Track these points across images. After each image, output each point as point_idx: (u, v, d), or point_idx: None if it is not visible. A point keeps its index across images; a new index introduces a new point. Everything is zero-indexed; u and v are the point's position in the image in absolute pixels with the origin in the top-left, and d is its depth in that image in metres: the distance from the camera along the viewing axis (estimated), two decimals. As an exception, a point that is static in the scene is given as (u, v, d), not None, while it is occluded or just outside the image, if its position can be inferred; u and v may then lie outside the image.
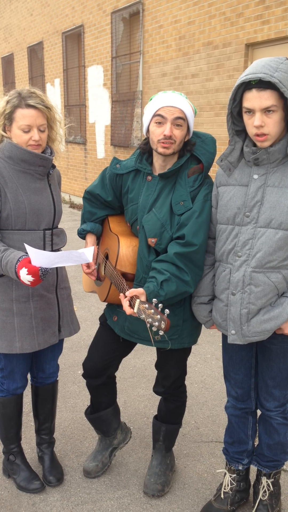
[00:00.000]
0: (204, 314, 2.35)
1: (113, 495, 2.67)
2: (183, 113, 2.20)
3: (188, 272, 2.21)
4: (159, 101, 2.21)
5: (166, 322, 1.89)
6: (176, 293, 2.20)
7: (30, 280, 2.12)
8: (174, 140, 2.20)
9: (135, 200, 2.39)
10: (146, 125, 2.28)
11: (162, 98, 2.21)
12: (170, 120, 2.19)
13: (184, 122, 2.21)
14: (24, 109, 2.25)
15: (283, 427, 2.39)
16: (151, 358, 4.15)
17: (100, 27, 9.72)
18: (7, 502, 2.61)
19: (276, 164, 2.07)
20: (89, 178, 10.95)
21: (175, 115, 2.18)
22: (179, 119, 2.19)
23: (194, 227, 2.21)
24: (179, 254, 2.20)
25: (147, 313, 1.93)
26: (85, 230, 2.56)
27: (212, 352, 4.33)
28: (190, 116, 2.23)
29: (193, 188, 2.26)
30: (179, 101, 2.20)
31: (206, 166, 2.27)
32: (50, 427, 2.82)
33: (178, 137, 2.21)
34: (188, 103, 2.23)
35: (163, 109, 2.19)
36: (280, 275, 2.12)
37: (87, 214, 2.60)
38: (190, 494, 2.69)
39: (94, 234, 2.57)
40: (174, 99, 2.20)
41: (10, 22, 14.55)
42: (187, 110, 2.21)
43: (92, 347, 2.61)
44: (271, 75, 1.88)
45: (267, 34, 5.92)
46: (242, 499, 2.59)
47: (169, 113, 2.18)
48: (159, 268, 2.20)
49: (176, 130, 2.20)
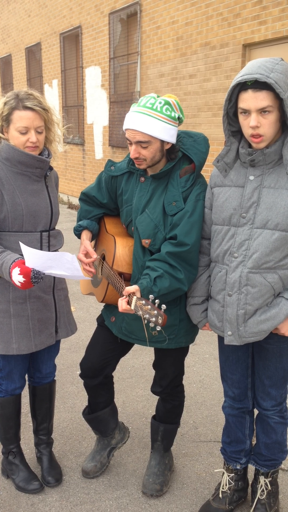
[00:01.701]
0: (197, 315, 2.36)
1: (112, 495, 2.68)
2: (145, 135, 2.15)
3: (181, 270, 2.22)
4: (125, 122, 2.20)
5: (163, 317, 1.91)
6: (169, 289, 2.21)
7: (21, 281, 2.12)
8: (143, 158, 2.21)
9: (129, 202, 2.40)
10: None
11: (127, 120, 2.19)
12: (133, 142, 2.19)
13: (149, 142, 2.17)
14: (21, 111, 2.26)
15: (280, 426, 2.40)
16: (149, 359, 4.16)
17: (98, 28, 9.73)
18: (6, 502, 2.61)
19: (272, 165, 2.08)
20: (87, 179, 10.96)
21: (136, 138, 2.17)
22: (142, 142, 2.17)
23: (186, 227, 2.22)
24: (171, 254, 2.21)
25: (144, 309, 1.94)
26: (82, 226, 2.57)
27: (210, 352, 4.34)
28: (159, 132, 2.15)
29: (185, 188, 2.27)
30: (140, 123, 2.14)
31: (198, 165, 2.28)
32: (48, 427, 2.82)
33: (148, 155, 2.21)
34: (158, 117, 2.15)
35: (127, 131, 2.20)
36: (277, 275, 2.13)
37: (83, 213, 2.61)
38: (188, 494, 2.70)
39: (90, 231, 2.57)
40: (135, 122, 2.15)
41: (8, 23, 14.56)
42: (152, 129, 2.14)
43: (90, 347, 2.62)
44: (267, 75, 1.88)
45: (264, 34, 5.93)
46: (240, 498, 2.60)
47: (132, 136, 2.19)
48: (152, 266, 2.21)
49: (143, 150, 2.20)
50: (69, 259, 2.11)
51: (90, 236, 2.58)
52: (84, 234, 2.56)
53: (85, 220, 2.59)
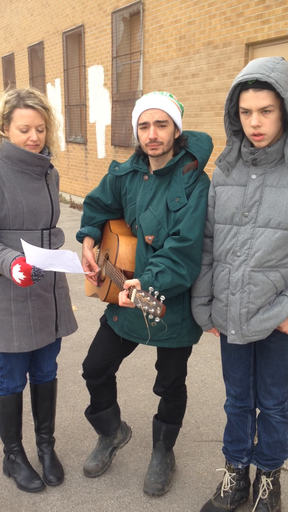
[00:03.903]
0: (204, 318, 2.35)
1: (114, 494, 2.68)
2: (164, 114, 2.20)
3: (184, 266, 2.22)
4: (141, 106, 2.23)
5: (161, 308, 1.92)
6: (172, 285, 2.20)
7: (21, 278, 2.12)
8: (160, 141, 2.22)
9: (133, 200, 2.41)
10: (135, 130, 2.32)
11: (143, 102, 2.23)
12: (152, 123, 2.20)
13: (167, 122, 2.21)
14: (22, 109, 2.26)
15: (282, 425, 2.39)
16: (151, 358, 4.16)
17: (101, 27, 9.73)
18: (8, 501, 2.62)
19: (274, 164, 2.07)
20: (89, 178, 10.96)
21: (156, 117, 2.19)
22: (161, 121, 2.20)
23: (189, 222, 2.22)
24: (174, 249, 2.21)
25: (143, 300, 1.95)
26: (83, 233, 2.59)
27: (213, 351, 4.33)
28: (174, 114, 2.23)
29: (188, 184, 2.27)
30: (158, 102, 2.20)
31: (201, 162, 2.28)
32: (49, 426, 2.83)
33: (165, 137, 2.23)
34: (171, 101, 2.23)
35: (144, 113, 2.22)
36: (279, 273, 2.13)
37: (86, 219, 2.64)
38: (190, 493, 2.70)
39: (92, 237, 2.59)
40: (154, 101, 2.20)
41: (11, 22, 14.57)
42: (169, 109, 2.21)
43: (93, 347, 2.62)
44: (268, 75, 1.88)
45: (267, 33, 5.91)
46: (242, 498, 2.59)
47: (150, 117, 2.20)
48: (155, 262, 2.22)
49: (161, 131, 2.22)
50: (70, 256, 2.11)
51: (92, 243, 2.59)
52: (86, 242, 2.59)
53: (86, 227, 2.61)
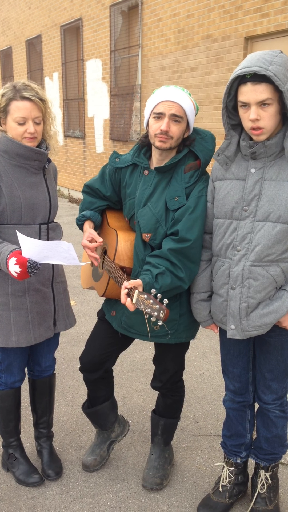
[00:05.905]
0: (204, 314, 2.35)
1: (112, 488, 2.68)
2: (181, 109, 2.18)
3: (182, 269, 2.21)
4: (160, 95, 2.20)
5: (165, 312, 1.89)
6: (171, 286, 2.20)
7: (17, 271, 2.11)
8: (171, 136, 2.19)
9: (132, 195, 2.39)
10: (146, 118, 2.27)
11: (163, 92, 2.19)
12: (168, 115, 2.18)
13: (182, 119, 2.19)
14: (19, 101, 2.25)
15: (281, 420, 2.39)
16: (150, 353, 4.16)
17: (99, 20, 9.68)
18: (6, 495, 2.62)
19: (273, 158, 2.06)
20: (88, 173, 10.93)
21: (172, 111, 2.17)
22: (177, 116, 2.17)
23: (188, 223, 2.20)
24: (173, 250, 2.19)
25: (146, 303, 1.93)
26: (85, 216, 2.53)
27: (211, 346, 4.33)
28: (190, 112, 2.21)
29: (188, 184, 2.25)
30: (179, 97, 2.18)
31: (204, 163, 2.26)
32: (48, 421, 2.82)
33: (176, 133, 2.20)
34: (190, 100, 2.21)
35: (162, 103, 2.18)
36: (279, 268, 2.12)
37: (86, 204, 2.58)
38: (188, 488, 2.70)
39: (93, 221, 2.54)
40: (174, 94, 2.18)
41: (8, 15, 14.49)
42: (187, 106, 2.19)
43: (90, 341, 2.61)
44: (266, 68, 1.87)
45: (267, 27, 5.89)
46: (240, 492, 2.60)
47: (167, 108, 2.17)
48: (153, 263, 2.20)
49: (174, 126, 2.19)
50: (65, 247, 2.10)
51: (93, 227, 2.54)
52: (87, 224, 2.53)
53: (88, 211, 2.57)
